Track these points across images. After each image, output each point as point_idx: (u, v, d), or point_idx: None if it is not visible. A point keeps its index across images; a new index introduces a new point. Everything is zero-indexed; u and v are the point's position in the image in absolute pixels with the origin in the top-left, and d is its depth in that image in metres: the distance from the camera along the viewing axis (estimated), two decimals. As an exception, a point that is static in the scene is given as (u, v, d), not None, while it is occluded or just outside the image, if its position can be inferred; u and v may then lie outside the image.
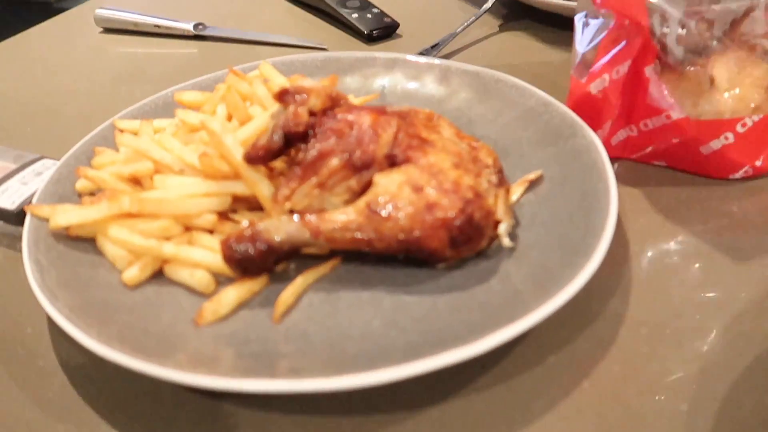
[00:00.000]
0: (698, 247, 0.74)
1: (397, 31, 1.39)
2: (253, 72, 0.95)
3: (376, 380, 0.50)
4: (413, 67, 1.02)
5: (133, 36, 1.47)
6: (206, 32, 1.43)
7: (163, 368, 0.51)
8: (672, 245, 0.75)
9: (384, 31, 1.38)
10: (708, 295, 0.68)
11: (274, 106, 0.78)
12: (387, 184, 0.65)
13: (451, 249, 0.64)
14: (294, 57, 1.07)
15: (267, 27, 1.45)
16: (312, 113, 0.70)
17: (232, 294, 0.64)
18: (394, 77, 1.03)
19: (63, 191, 0.79)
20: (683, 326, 0.64)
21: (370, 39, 1.37)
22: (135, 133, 0.89)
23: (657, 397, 0.57)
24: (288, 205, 0.67)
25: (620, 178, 0.86)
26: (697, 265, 0.72)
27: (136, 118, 0.94)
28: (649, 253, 0.74)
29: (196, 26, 1.43)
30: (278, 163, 0.75)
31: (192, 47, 1.42)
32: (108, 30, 1.49)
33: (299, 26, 1.47)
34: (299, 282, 0.65)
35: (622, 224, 0.78)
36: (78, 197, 0.79)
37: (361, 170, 0.67)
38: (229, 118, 0.84)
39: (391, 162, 0.67)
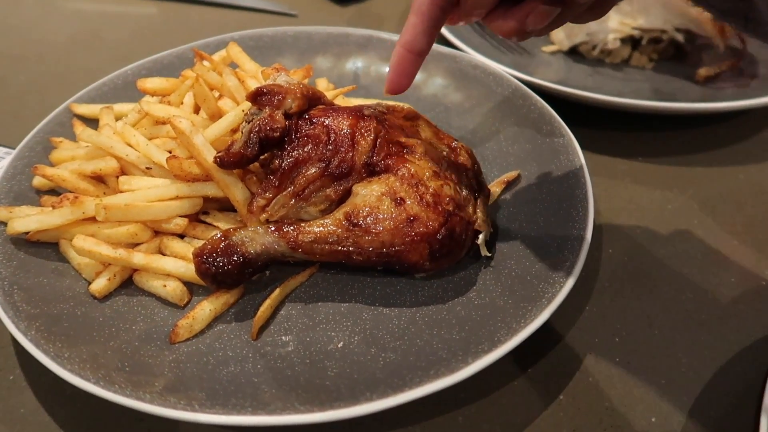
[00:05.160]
0: (673, 245, 0.76)
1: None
2: (220, 52, 0.90)
3: (358, 413, 0.50)
4: (388, 46, 0.99)
5: (84, -8, 1.37)
6: (164, -9, 1.35)
7: (141, 402, 0.50)
8: (648, 248, 0.76)
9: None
10: (681, 300, 0.70)
11: (244, 96, 0.74)
12: (366, 195, 0.63)
13: (431, 262, 0.63)
14: (262, 31, 1.01)
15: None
16: (287, 115, 0.67)
17: (207, 309, 0.62)
18: (367, 57, 0.99)
19: (19, 188, 0.74)
20: (655, 335, 0.66)
21: (342, 0, 1.31)
22: (93, 118, 0.84)
23: (628, 410, 0.59)
24: (264, 216, 0.65)
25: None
26: (669, 266, 0.73)
27: (93, 100, 0.88)
28: (623, 254, 0.75)
29: (154, -15, 1.33)
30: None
31: (150, 7, 1.33)
32: (56, -16, 1.38)
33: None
34: (276, 294, 0.64)
35: (596, 221, 0.79)
36: (36, 194, 0.75)
37: (339, 179, 0.65)
38: (196, 108, 0.80)
39: (370, 170, 0.65)
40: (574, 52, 1.07)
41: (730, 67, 0.97)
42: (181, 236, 0.70)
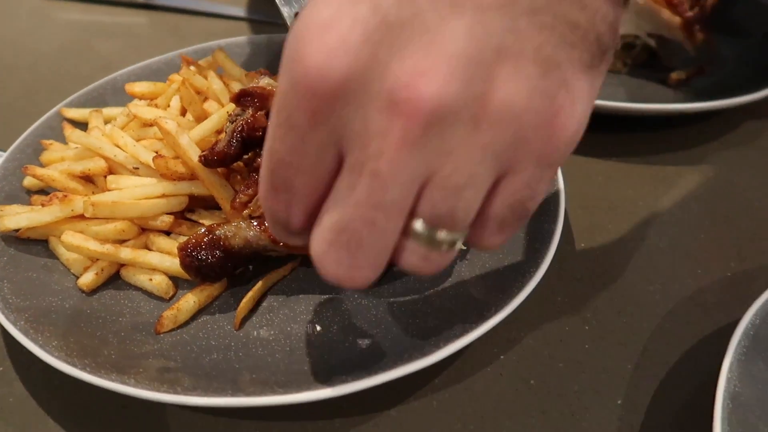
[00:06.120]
0: (643, 240, 0.79)
1: None
2: (206, 58, 0.92)
3: (334, 393, 0.53)
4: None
5: (76, 2, 1.40)
6: (156, 1, 1.38)
7: (126, 386, 0.52)
8: (619, 243, 0.79)
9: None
10: (649, 290, 0.72)
11: (229, 101, 0.77)
12: (345, 190, 0.66)
13: (408, 254, 0.66)
14: (248, 39, 1.04)
15: (219, -3, 1.40)
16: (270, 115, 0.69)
17: (192, 301, 0.64)
18: (351, 63, 1.02)
19: (10, 188, 0.76)
20: (623, 324, 0.69)
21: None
22: (83, 121, 0.87)
23: (595, 393, 0.62)
24: (246, 212, 0.67)
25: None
26: (639, 259, 0.76)
27: (83, 105, 0.91)
28: (595, 248, 0.78)
29: (145, -6, 1.37)
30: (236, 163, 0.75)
31: (141, 16, 1.36)
32: (48, -6, 1.41)
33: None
34: (258, 286, 0.66)
35: (568, 218, 0.82)
36: (26, 194, 0.77)
37: (319, 175, 0.67)
38: (183, 111, 0.83)
39: (349, 167, 0.68)
40: (551, 58, 1.10)
41: (700, 70, 1.01)
42: (167, 233, 0.73)
